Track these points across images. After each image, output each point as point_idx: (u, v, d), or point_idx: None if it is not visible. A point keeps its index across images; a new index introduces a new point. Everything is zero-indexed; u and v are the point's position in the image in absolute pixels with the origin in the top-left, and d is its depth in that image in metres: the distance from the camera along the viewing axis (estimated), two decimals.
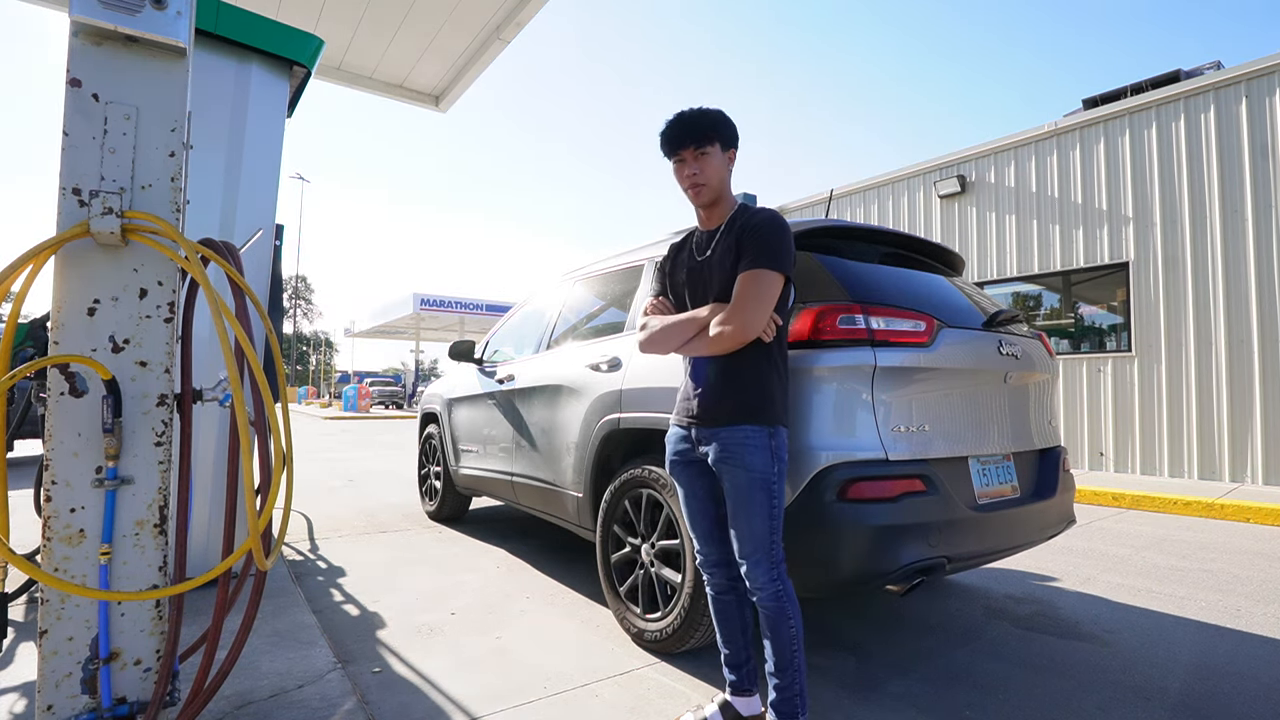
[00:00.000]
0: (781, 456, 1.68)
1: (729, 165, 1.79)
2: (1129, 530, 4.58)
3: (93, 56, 1.44)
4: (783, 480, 1.68)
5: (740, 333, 1.62)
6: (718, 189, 1.78)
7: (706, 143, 1.73)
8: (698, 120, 1.74)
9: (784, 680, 1.64)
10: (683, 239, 1.96)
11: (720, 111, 1.77)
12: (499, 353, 4.08)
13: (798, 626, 1.66)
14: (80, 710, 1.40)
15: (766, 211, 1.75)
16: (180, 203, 1.53)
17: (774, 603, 1.64)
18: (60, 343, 1.41)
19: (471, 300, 25.70)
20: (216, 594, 1.55)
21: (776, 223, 1.70)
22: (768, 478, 1.64)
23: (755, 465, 1.64)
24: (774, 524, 1.65)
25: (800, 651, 1.65)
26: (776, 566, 1.65)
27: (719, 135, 1.74)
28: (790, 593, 1.66)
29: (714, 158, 1.75)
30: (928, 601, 2.93)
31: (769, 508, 1.64)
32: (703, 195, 1.78)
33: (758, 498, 1.64)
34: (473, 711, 1.87)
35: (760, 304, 1.63)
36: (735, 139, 1.79)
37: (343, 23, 5.10)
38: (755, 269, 1.64)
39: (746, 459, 1.64)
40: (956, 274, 2.77)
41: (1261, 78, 6.30)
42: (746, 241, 1.68)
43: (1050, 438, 2.55)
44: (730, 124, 1.77)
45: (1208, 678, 2.16)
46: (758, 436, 1.65)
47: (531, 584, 3.14)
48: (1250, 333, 6.27)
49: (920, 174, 9.19)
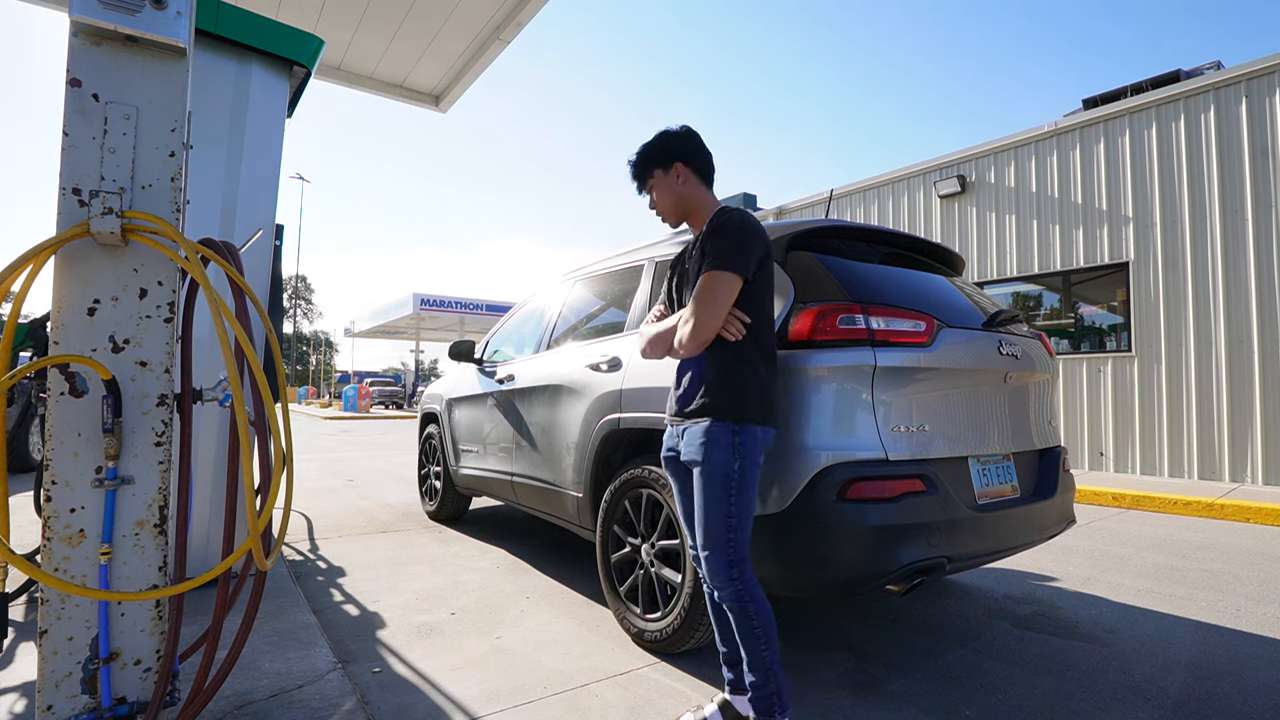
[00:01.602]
0: (746, 454, 1.65)
1: (679, 181, 1.84)
2: (1129, 530, 4.58)
3: (93, 56, 1.44)
4: (745, 478, 1.66)
5: (695, 335, 1.66)
6: (676, 209, 1.87)
7: (648, 176, 1.86)
8: (637, 160, 1.87)
9: (757, 679, 1.65)
10: (685, 247, 2.00)
11: (654, 139, 1.86)
12: (499, 353, 4.08)
13: (763, 626, 1.64)
14: (80, 710, 1.40)
15: (725, 213, 1.76)
16: (180, 203, 1.53)
17: (734, 602, 1.65)
18: (60, 343, 1.41)
19: (471, 300, 25.72)
20: (216, 594, 1.55)
21: (730, 223, 1.72)
22: (726, 473, 1.64)
23: (714, 460, 1.65)
24: (731, 521, 1.64)
25: (770, 650, 1.64)
26: (736, 566, 1.64)
27: (656, 164, 1.84)
28: (753, 592, 1.65)
29: (661, 185, 1.85)
30: (928, 601, 2.93)
31: (725, 504, 1.64)
32: (668, 219, 1.90)
33: (714, 493, 1.65)
34: (473, 711, 1.87)
35: (710, 305, 1.66)
36: (676, 154, 1.84)
37: (343, 23, 5.10)
38: (708, 271, 1.68)
39: (705, 454, 1.66)
40: (956, 274, 2.77)
41: (1261, 78, 6.30)
42: (706, 245, 1.73)
43: (1050, 438, 2.55)
44: (665, 145, 1.84)
45: (1208, 678, 2.16)
46: (719, 432, 1.66)
47: (531, 584, 3.14)
48: (1250, 333, 6.27)
49: (920, 174, 9.19)
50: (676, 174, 1.84)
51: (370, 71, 5.89)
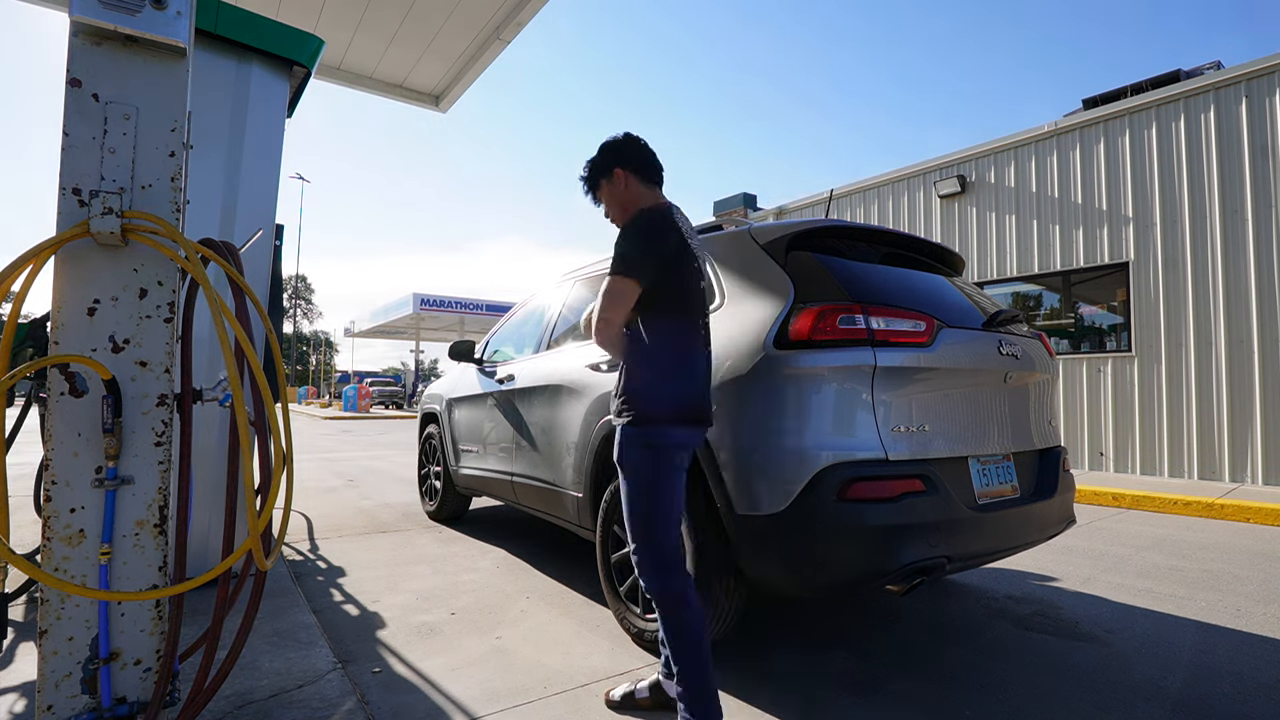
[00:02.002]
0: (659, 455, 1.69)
1: (621, 186, 1.90)
2: (1129, 530, 4.58)
3: (93, 56, 1.44)
4: (658, 478, 1.69)
5: (595, 333, 1.76)
6: (622, 213, 1.91)
7: (595, 189, 1.95)
8: (585, 177, 1.96)
9: (683, 689, 1.63)
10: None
11: (597, 151, 1.93)
12: (499, 353, 4.08)
13: (691, 636, 1.62)
14: (80, 710, 1.40)
15: (637, 216, 1.80)
16: (180, 203, 1.53)
17: (660, 605, 1.67)
18: (60, 343, 1.41)
19: (471, 300, 25.74)
20: (216, 594, 1.55)
21: (633, 227, 1.77)
22: (638, 473, 1.70)
23: (627, 461, 1.72)
24: (649, 519, 1.68)
25: (697, 662, 1.62)
26: (663, 572, 1.66)
27: (599, 175, 1.92)
28: (682, 597, 1.65)
29: (606, 192, 1.93)
30: (928, 601, 2.93)
31: (638, 502, 1.70)
32: (616, 223, 1.94)
33: (630, 492, 1.72)
34: (473, 711, 1.87)
35: (604, 308, 1.72)
36: (614, 162, 1.89)
37: (343, 23, 5.10)
38: (609, 274, 1.74)
39: (622, 455, 1.74)
40: (956, 274, 2.77)
41: (1261, 78, 6.30)
42: (615, 246, 1.79)
43: (1050, 438, 2.55)
44: (602, 158, 1.91)
45: (1208, 678, 2.16)
46: (633, 434, 1.72)
47: (531, 584, 3.14)
48: (1250, 333, 6.27)
49: (920, 174, 9.19)
50: (618, 179, 1.89)
51: (370, 71, 5.89)
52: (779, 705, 1.93)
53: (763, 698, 1.97)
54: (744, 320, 2.14)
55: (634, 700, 1.89)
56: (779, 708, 1.92)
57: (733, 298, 2.23)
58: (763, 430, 1.97)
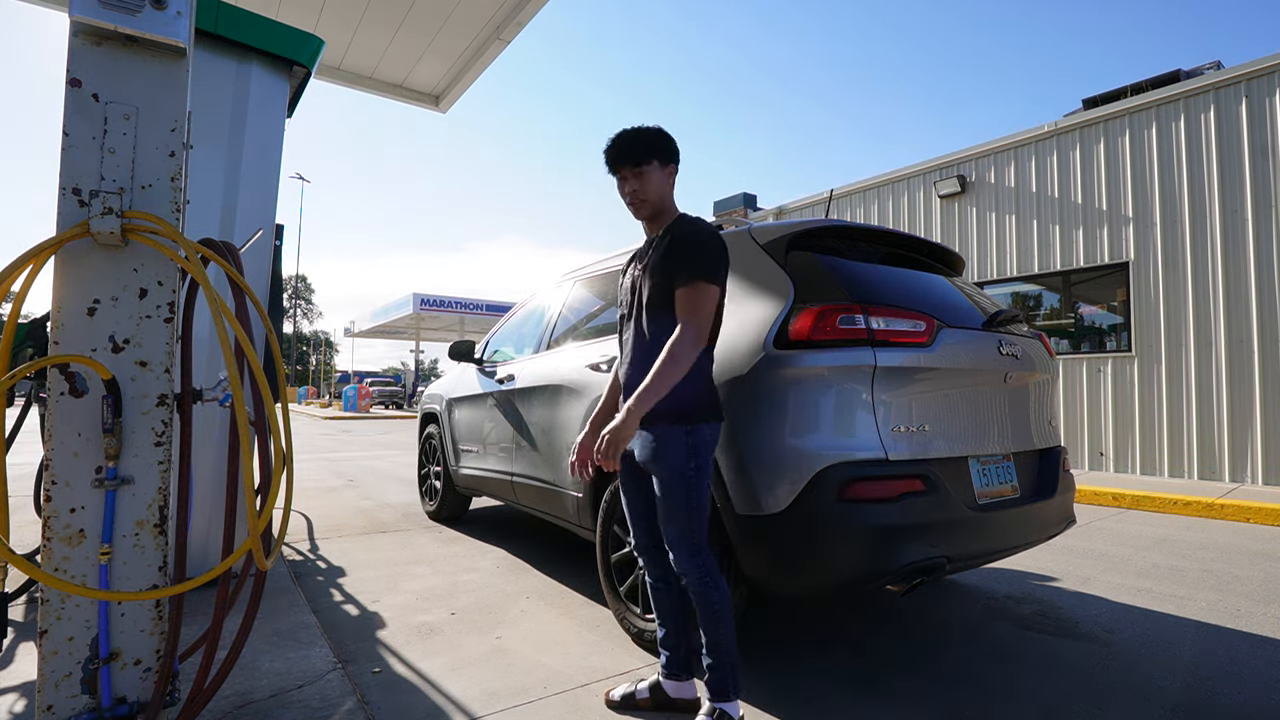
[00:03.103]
0: (699, 453, 1.73)
1: (669, 180, 1.85)
2: (1129, 530, 4.58)
3: (93, 56, 1.44)
4: (700, 474, 1.74)
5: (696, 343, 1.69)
6: (656, 204, 1.84)
7: (644, 162, 1.80)
8: (634, 140, 1.80)
9: (714, 660, 1.73)
10: (638, 249, 2.02)
11: (657, 130, 1.84)
12: (499, 353, 4.08)
13: (723, 608, 1.73)
14: (80, 710, 1.40)
15: (702, 224, 1.81)
16: (180, 203, 1.53)
17: (699, 588, 1.73)
18: (60, 343, 1.41)
19: (471, 300, 25.74)
20: (216, 594, 1.55)
21: (712, 236, 1.78)
22: (684, 472, 1.72)
23: (670, 462, 1.72)
24: (692, 514, 1.73)
25: (728, 633, 1.73)
26: (698, 553, 1.73)
27: (656, 154, 1.81)
28: (716, 573, 1.75)
29: (652, 175, 1.81)
30: (928, 601, 2.93)
31: (686, 500, 1.73)
32: (643, 210, 1.86)
33: (676, 491, 1.73)
34: (473, 711, 1.87)
35: (703, 315, 1.70)
36: (673, 155, 1.85)
37: (343, 23, 5.10)
38: (697, 281, 1.70)
39: (661, 456, 1.73)
40: (956, 274, 2.77)
41: (1261, 78, 6.30)
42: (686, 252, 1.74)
43: (1050, 438, 2.55)
44: (666, 142, 1.83)
45: (1208, 678, 2.16)
46: (673, 435, 1.72)
47: (531, 584, 3.14)
48: (1250, 333, 6.27)
49: (920, 174, 9.19)
50: (670, 172, 1.86)
51: (370, 71, 5.89)
52: (779, 705, 1.93)
53: (763, 697, 1.97)
54: (744, 320, 2.14)
55: (634, 700, 1.90)
56: (779, 707, 1.92)
57: (733, 297, 2.23)
58: (763, 430, 1.97)
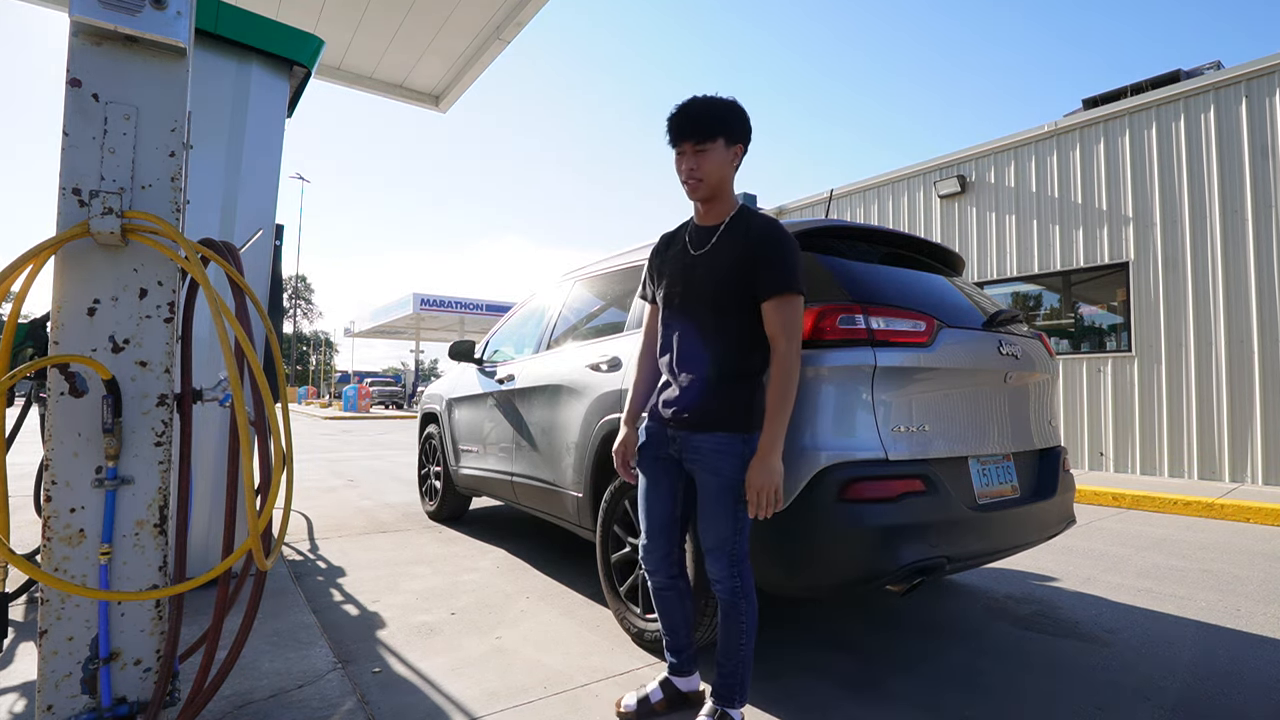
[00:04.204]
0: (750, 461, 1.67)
1: (733, 162, 1.70)
2: (1129, 530, 4.58)
3: (93, 56, 1.44)
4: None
5: (798, 366, 1.64)
6: (716, 186, 1.70)
7: (709, 138, 1.64)
8: (704, 113, 1.64)
9: (728, 667, 1.71)
10: (674, 232, 1.94)
11: (731, 103, 1.67)
12: (499, 353, 4.08)
13: (749, 622, 1.71)
14: (80, 710, 1.40)
15: (773, 221, 1.73)
16: (180, 203, 1.53)
17: (729, 596, 1.70)
18: (60, 343, 1.41)
19: (471, 300, 25.72)
20: (216, 594, 1.55)
21: (791, 238, 1.68)
22: (735, 484, 1.66)
23: (725, 472, 1.66)
24: (739, 526, 1.69)
25: (748, 645, 1.71)
26: (737, 564, 1.69)
27: (724, 131, 1.65)
28: (748, 589, 1.71)
29: (715, 154, 1.66)
30: (928, 601, 2.93)
31: (735, 512, 1.68)
32: (699, 191, 1.71)
33: (726, 502, 1.67)
34: (472, 711, 1.87)
35: (799, 333, 1.65)
36: (745, 134, 1.69)
37: (343, 23, 5.10)
38: (791, 294, 1.63)
39: (718, 466, 1.67)
40: (956, 274, 2.77)
41: (1261, 78, 6.30)
42: (770, 255, 1.64)
43: (1050, 438, 2.55)
44: (739, 118, 1.67)
45: (1208, 678, 2.16)
46: (732, 444, 1.66)
47: (531, 584, 3.14)
48: (1250, 333, 6.27)
49: (920, 174, 9.19)
50: (738, 154, 1.71)
51: (370, 71, 5.89)
52: (779, 705, 1.93)
53: (763, 697, 1.97)
54: None
55: (650, 705, 1.85)
56: (779, 708, 1.92)
57: None
58: None
